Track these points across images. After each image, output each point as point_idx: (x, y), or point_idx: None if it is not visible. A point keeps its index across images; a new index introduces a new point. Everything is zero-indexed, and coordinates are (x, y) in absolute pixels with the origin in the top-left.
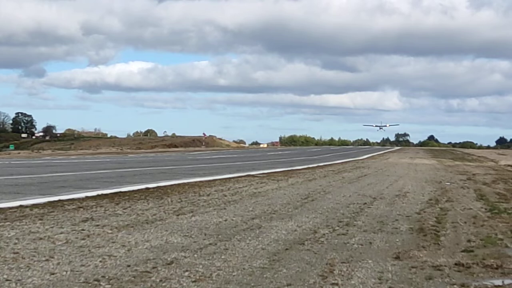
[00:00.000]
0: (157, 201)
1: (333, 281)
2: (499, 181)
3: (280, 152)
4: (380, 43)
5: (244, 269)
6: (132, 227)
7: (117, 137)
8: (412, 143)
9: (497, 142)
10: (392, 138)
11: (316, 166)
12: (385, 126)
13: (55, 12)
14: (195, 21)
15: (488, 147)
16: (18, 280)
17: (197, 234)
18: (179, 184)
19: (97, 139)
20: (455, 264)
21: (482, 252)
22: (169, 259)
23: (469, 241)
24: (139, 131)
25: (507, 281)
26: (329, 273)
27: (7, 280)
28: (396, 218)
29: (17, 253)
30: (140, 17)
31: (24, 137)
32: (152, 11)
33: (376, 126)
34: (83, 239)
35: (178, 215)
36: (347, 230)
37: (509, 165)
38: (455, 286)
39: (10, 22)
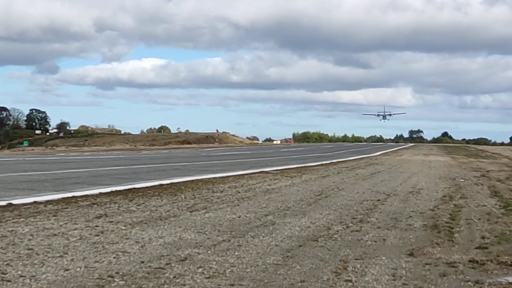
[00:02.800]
0: (170, 197)
1: (346, 278)
2: None
3: (293, 149)
4: (393, 40)
5: (257, 265)
6: (146, 223)
7: (131, 134)
8: (426, 139)
9: (511, 138)
10: (406, 135)
11: (330, 163)
12: (389, 114)
13: (67, 9)
14: (207, 17)
15: (502, 144)
16: (32, 276)
17: (210, 231)
18: (192, 181)
19: (111, 135)
20: (469, 261)
21: (496, 249)
22: (182, 255)
23: (483, 238)
24: (152, 127)
25: None
26: (342, 269)
27: (21, 276)
28: (410, 214)
29: (31, 249)
30: (152, 13)
31: (38, 134)
32: (163, 7)
33: (378, 115)
34: (97, 235)
35: (191, 212)
36: (361, 227)
37: None
38: (469, 283)
39: (23, 18)
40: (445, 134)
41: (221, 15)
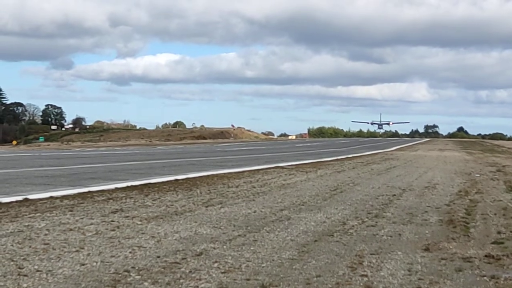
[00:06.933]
0: (186, 192)
1: (362, 273)
2: None
3: (308, 144)
4: (407, 34)
5: (273, 260)
6: (162, 218)
7: (146, 129)
8: (441, 134)
9: None
10: (421, 130)
11: (345, 158)
12: (387, 124)
13: (82, 4)
14: (221, 12)
15: None
16: (49, 270)
17: (226, 226)
18: (208, 176)
19: (126, 131)
20: (485, 256)
21: None
22: (198, 250)
23: (499, 232)
24: (167, 123)
25: None
26: (358, 264)
27: (38, 271)
28: (425, 209)
29: (48, 244)
30: (166, 8)
31: (53, 129)
32: (177, 2)
33: (373, 124)
34: (113, 230)
35: (207, 207)
36: (376, 222)
37: None
38: (485, 278)
39: (38, 14)
40: (460, 129)
41: (235, 10)
